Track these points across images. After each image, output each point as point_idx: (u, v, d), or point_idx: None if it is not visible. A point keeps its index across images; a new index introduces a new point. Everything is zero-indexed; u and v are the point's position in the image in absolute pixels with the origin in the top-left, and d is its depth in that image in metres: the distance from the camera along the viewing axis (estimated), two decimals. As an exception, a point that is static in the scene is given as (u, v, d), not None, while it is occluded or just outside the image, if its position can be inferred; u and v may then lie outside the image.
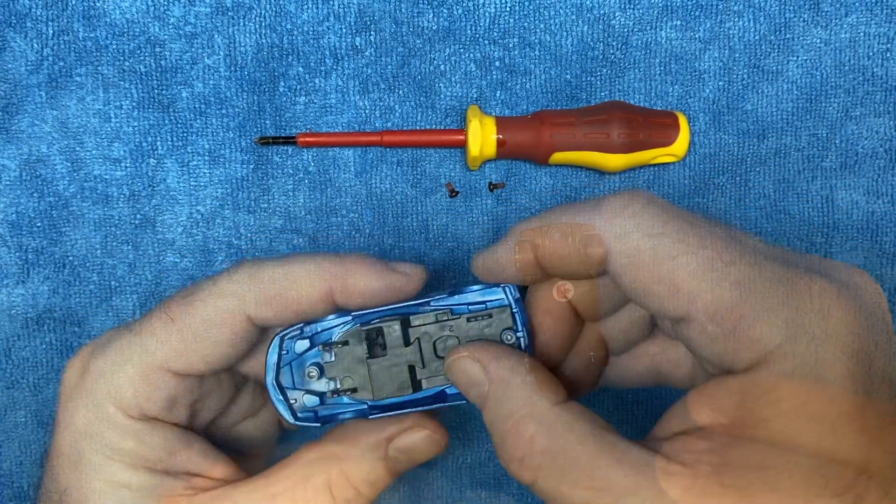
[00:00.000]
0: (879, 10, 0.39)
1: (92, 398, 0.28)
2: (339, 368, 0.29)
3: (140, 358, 0.28)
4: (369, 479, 0.29)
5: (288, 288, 0.28)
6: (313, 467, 0.29)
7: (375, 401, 0.29)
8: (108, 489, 0.28)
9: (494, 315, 0.29)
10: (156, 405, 0.28)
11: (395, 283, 0.29)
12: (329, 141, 0.38)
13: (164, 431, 0.29)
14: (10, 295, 0.39)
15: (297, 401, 0.29)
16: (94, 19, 0.38)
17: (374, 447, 0.29)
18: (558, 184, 0.40)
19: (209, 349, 0.28)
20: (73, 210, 0.39)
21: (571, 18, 0.39)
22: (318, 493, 0.28)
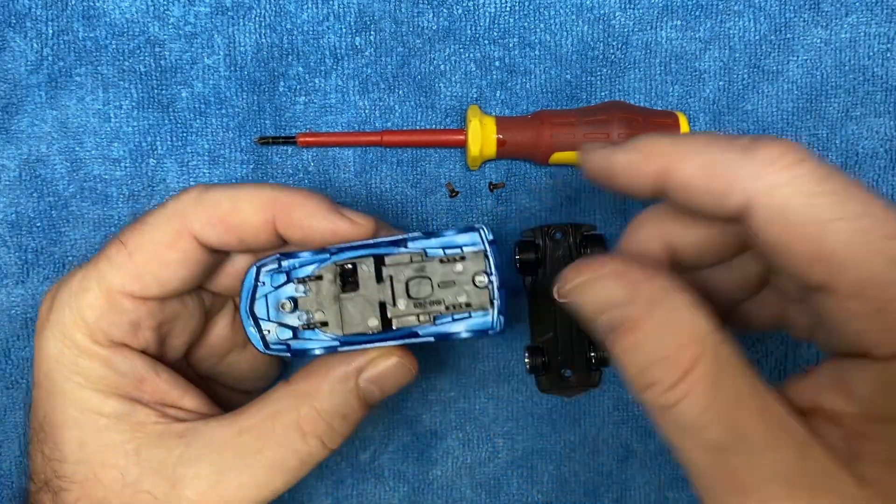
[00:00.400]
0: (880, 10, 0.39)
1: (59, 328, 0.29)
2: (312, 303, 0.29)
3: (98, 284, 0.29)
4: (341, 412, 0.29)
5: (231, 211, 0.28)
6: (281, 404, 0.29)
7: (345, 336, 0.29)
8: (82, 416, 0.28)
9: (468, 258, 0.29)
10: (119, 329, 0.29)
11: (339, 227, 0.29)
12: (329, 141, 0.38)
13: (131, 358, 0.29)
14: (10, 295, 0.39)
15: (270, 332, 0.29)
16: (93, 19, 0.38)
17: (343, 380, 0.29)
18: (558, 184, 0.40)
19: (161, 270, 0.29)
20: (73, 210, 0.39)
21: (571, 18, 0.39)
22: (288, 430, 0.29)
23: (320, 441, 0.29)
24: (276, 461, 0.28)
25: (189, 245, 0.29)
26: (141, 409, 0.29)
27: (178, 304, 0.31)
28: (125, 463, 0.28)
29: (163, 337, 0.31)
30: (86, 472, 0.28)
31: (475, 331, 0.29)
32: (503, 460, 0.41)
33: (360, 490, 0.41)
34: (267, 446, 0.28)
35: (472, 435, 0.41)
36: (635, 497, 0.42)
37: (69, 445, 0.29)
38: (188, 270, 0.29)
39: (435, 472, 0.41)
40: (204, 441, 0.29)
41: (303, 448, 0.29)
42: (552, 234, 0.39)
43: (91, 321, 0.29)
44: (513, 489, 0.42)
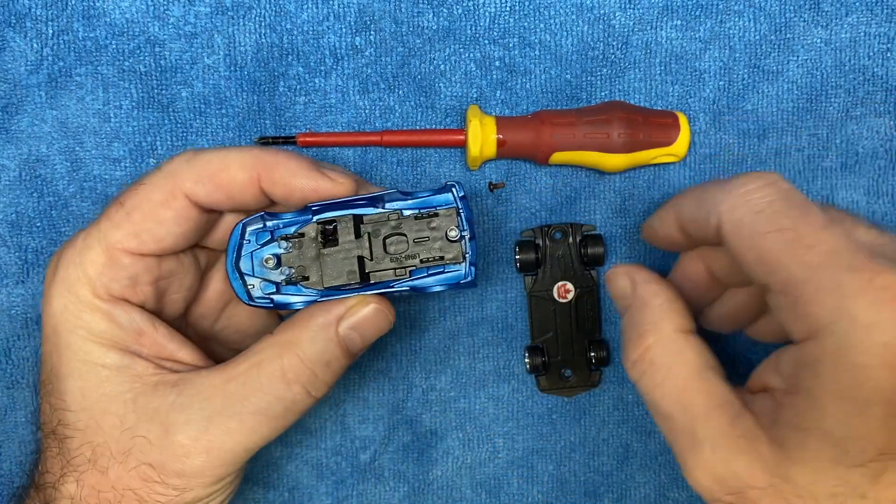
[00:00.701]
0: (880, 10, 0.39)
1: (65, 284, 0.30)
2: (295, 258, 0.31)
3: (99, 242, 0.30)
4: (323, 359, 0.31)
5: (221, 169, 0.30)
6: (266, 353, 0.30)
7: (325, 290, 0.31)
8: (86, 368, 0.30)
9: (441, 214, 0.31)
10: (119, 284, 0.30)
11: (320, 185, 0.31)
12: (329, 141, 0.38)
13: (131, 312, 0.31)
14: (10, 295, 0.39)
15: (254, 287, 0.31)
16: (93, 19, 0.38)
17: (323, 327, 0.31)
18: (558, 184, 0.40)
19: (156, 228, 0.30)
20: (73, 210, 0.39)
21: (571, 18, 0.39)
22: (272, 379, 0.30)
23: (304, 388, 0.30)
24: (261, 408, 0.30)
25: (181, 204, 0.31)
26: (139, 362, 0.31)
27: (174, 261, 0.32)
28: (123, 411, 0.30)
29: (160, 293, 0.32)
30: (87, 419, 0.30)
31: (448, 283, 0.31)
32: (503, 460, 0.41)
33: (360, 490, 0.41)
34: (252, 393, 0.30)
35: (472, 435, 0.41)
36: (635, 497, 0.42)
37: (72, 395, 0.30)
38: (181, 228, 0.31)
39: (435, 472, 0.41)
40: (194, 389, 0.30)
41: (287, 395, 0.30)
42: (552, 234, 0.39)
43: (93, 276, 0.30)
44: (513, 489, 0.42)
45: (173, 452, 0.29)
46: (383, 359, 0.41)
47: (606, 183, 0.40)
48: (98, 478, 0.30)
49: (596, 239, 0.39)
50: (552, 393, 0.40)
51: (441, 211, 0.31)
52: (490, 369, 0.41)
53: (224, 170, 0.30)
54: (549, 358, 0.40)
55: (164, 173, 0.31)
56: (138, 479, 0.30)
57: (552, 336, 0.40)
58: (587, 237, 0.39)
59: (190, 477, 0.30)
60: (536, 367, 0.40)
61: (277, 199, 0.31)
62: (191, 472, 0.30)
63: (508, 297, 0.40)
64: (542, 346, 0.40)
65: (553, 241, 0.39)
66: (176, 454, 0.29)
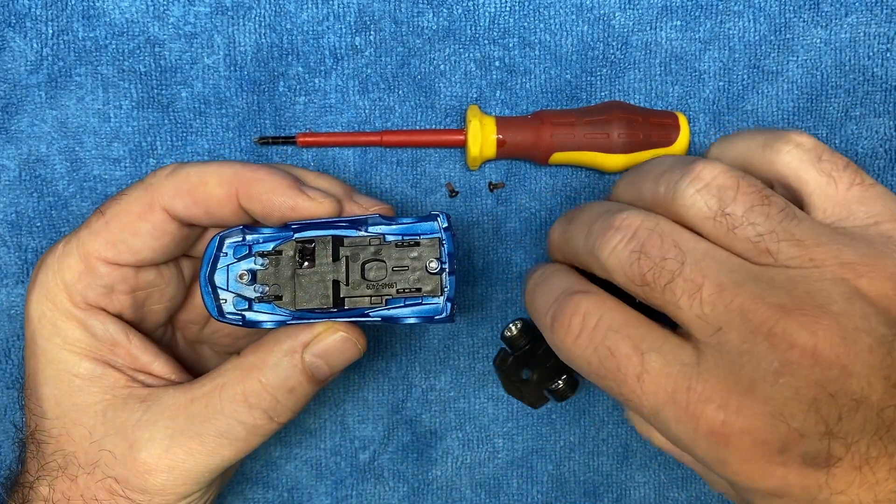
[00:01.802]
0: (879, 10, 0.39)
1: (43, 290, 0.31)
2: (270, 276, 0.30)
3: (77, 249, 0.30)
4: (286, 385, 0.30)
5: (199, 184, 0.30)
6: (229, 375, 0.30)
7: (297, 311, 0.30)
8: (59, 376, 0.30)
9: (423, 244, 0.30)
10: (94, 292, 0.30)
11: (298, 204, 0.30)
12: (329, 141, 0.38)
13: (105, 321, 0.31)
14: (10, 295, 0.39)
15: (226, 301, 0.30)
16: (93, 19, 0.38)
17: (288, 353, 0.30)
18: (558, 184, 0.40)
19: (133, 239, 0.30)
20: (73, 210, 0.39)
21: (571, 18, 0.39)
22: (234, 403, 0.30)
23: (266, 413, 0.30)
24: (223, 431, 0.30)
25: (159, 217, 0.30)
26: (112, 373, 0.31)
27: (153, 272, 0.32)
28: (93, 422, 0.30)
29: (139, 303, 0.32)
30: (60, 427, 0.30)
31: (423, 316, 0.30)
32: (503, 460, 0.41)
33: (360, 490, 0.41)
34: (214, 416, 0.30)
35: (471, 435, 0.41)
36: (635, 497, 0.42)
37: (48, 402, 0.31)
38: (159, 241, 0.31)
39: (435, 472, 0.41)
40: (161, 406, 0.30)
41: (248, 419, 0.30)
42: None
43: (70, 283, 0.30)
44: (512, 489, 0.42)
45: (136, 469, 0.30)
46: (383, 359, 0.41)
47: (606, 183, 0.40)
48: (68, 485, 0.30)
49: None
50: (509, 391, 0.37)
51: (424, 240, 0.30)
52: (490, 369, 0.41)
53: (202, 185, 0.30)
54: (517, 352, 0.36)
55: (144, 185, 0.31)
56: (104, 490, 0.30)
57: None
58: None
59: (153, 494, 0.30)
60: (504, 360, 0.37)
61: (256, 215, 0.31)
62: (154, 489, 0.30)
63: (508, 297, 0.40)
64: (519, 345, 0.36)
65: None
66: (139, 471, 0.30)
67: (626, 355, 0.26)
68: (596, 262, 0.28)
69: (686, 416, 0.24)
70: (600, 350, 0.26)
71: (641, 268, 0.26)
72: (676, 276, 0.25)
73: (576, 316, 0.27)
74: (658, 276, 0.25)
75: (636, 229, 0.26)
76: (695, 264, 0.25)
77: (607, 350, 0.26)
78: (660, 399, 0.25)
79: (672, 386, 0.25)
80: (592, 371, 0.26)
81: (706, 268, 0.25)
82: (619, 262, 0.26)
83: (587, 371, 0.27)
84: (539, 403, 0.37)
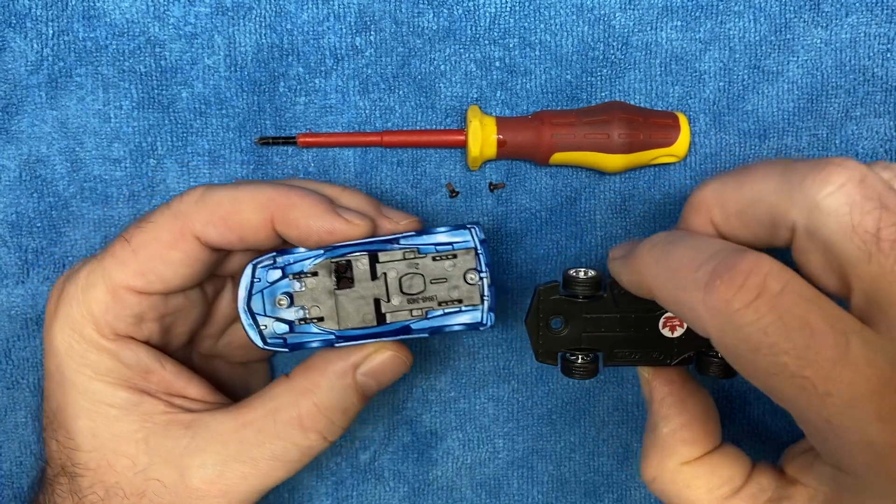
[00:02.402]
0: (880, 11, 0.39)
1: (68, 322, 0.30)
2: (308, 298, 0.30)
3: (104, 280, 0.30)
4: (341, 406, 0.30)
5: (233, 212, 0.29)
6: (282, 399, 0.30)
7: (341, 331, 0.30)
8: (93, 407, 0.30)
9: (459, 255, 0.30)
10: (124, 322, 0.30)
11: (336, 227, 0.29)
12: (329, 141, 0.38)
13: (137, 350, 0.30)
14: (10, 295, 0.39)
15: (266, 327, 0.30)
16: (93, 19, 0.38)
17: (341, 375, 0.30)
18: (558, 184, 0.40)
19: (163, 268, 0.30)
20: (73, 210, 0.39)
21: (572, 18, 0.39)
22: (289, 426, 0.30)
23: (320, 435, 0.30)
24: (277, 454, 0.30)
25: (191, 245, 0.30)
26: (148, 400, 0.30)
27: (181, 297, 0.32)
28: (135, 451, 0.30)
29: (166, 328, 0.32)
30: (98, 459, 0.30)
31: (466, 325, 0.30)
32: (503, 460, 0.41)
33: (361, 490, 0.41)
34: (269, 440, 0.30)
35: (472, 435, 0.41)
36: (635, 497, 0.42)
37: (82, 435, 0.30)
38: (190, 269, 0.30)
39: (435, 472, 0.41)
40: (209, 433, 0.30)
41: (303, 442, 0.30)
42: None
43: (98, 315, 0.30)
44: (513, 489, 0.42)
45: (189, 496, 0.29)
46: (383, 359, 0.41)
47: (606, 183, 0.40)
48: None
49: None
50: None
51: (459, 251, 0.30)
52: (490, 369, 0.41)
53: (236, 212, 0.29)
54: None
55: (173, 212, 0.30)
56: None
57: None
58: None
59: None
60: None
61: (292, 241, 0.30)
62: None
63: (509, 297, 0.40)
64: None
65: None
66: (191, 497, 0.29)
67: (823, 331, 0.20)
68: (802, 202, 0.22)
69: (894, 416, 0.20)
70: (787, 319, 0.21)
71: (880, 220, 0.21)
72: None
73: (754, 275, 0.21)
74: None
75: (865, 176, 0.22)
76: None
77: (799, 320, 0.21)
78: (859, 391, 0.20)
79: (879, 379, 0.20)
80: (765, 344, 0.21)
81: None
82: (846, 203, 0.21)
83: (755, 343, 0.21)
84: (545, 359, 0.33)
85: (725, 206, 0.26)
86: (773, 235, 0.24)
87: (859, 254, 0.21)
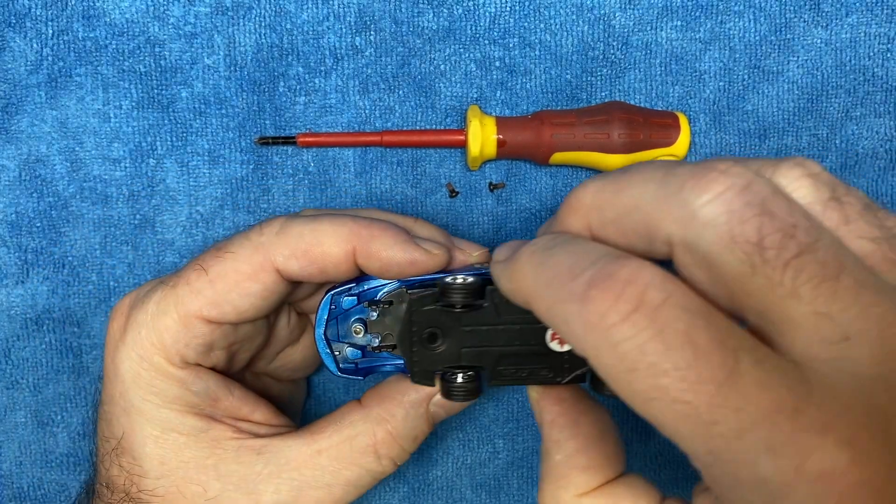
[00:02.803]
0: (880, 11, 0.39)
1: (136, 349, 0.29)
2: (382, 326, 0.30)
3: (176, 308, 0.29)
4: (413, 435, 0.31)
5: (314, 244, 0.29)
6: (357, 428, 0.31)
7: None
8: (162, 434, 0.30)
9: None
10: (194, 351, 0.30)
11: (416, 258, 0.29)
12: (329, 141, 0.38)
13: (206, 378, 0.30)
14: (10, 295, 0.39)
15: (340, 352, 0.31)
16: (93, 19, 0.38)
17: (416, 405, 0.31)
18: (558, 184, 0.40)
19: (240, 299, 0.29)
20: (73, 210, 0.39)
21: (572, 18, 0.39)
22: (364, 454, 0.30)
23: (392, 461, 0.31)
24: (351, 480, 0.30)
25: (270, 278, 0.29)
26: (217, 426, 0.30)
27: (250, 326, 0.31)
28: (206, 478, 0.30)
29: (233, 355, 0.32)
30: (168, 486, 0.30)
31: None
32: (503, 460, 0.41)
33: (360, 490, 0.41)
34: (344, 467, 0.30)
35: (472, 435, 0.41)
36: (635, 497, 0.42)
37: (150, 462, 0.30)
38: (265, 301, 0.30)
39: (435, 472, 0.41)
40: (283, 459, 0.30)
41: (377, 469, 0.31)
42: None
43: (168, 344, 0.29)
44: (513, 489, 0.42)
45: None
46: (383, 359, 0.41)
47: (606, 183, 0.40)
48: None
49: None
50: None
51: None
52: (490, 369, 0.41)
53: (318, 245, 0.29)
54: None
55: (254, 244, 0.29)
56: None
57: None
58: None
59: None
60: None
61: (372, 272, 0.30)
62: None
63: (508, 297, 0.40)
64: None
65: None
66: None
67: (708, 349, 0.18)
68: (678, 212, 0.20)
69: (787, 449, 0.17)
70: (668, 334, 0.18)
71: (761, 228, 0.18)
72: (806, 252, 0.18)
73: (633, 285, 0.19)
74: (783, 246, 0.18)
75: (750, 182, 0.19)
76: (831, 246, 0.18)
77: (681, 336, 0.18)
78: (748, 419, 0.17)
79: (772, 403, 0.17)
80: (644, 364, 0.18)
81: (843, 255, 0.18)
82: (724, 212, 0.19)
83: (631, 363, 0.18)
84: (421, 379, 0.29)
85: (603, 212, 0.23)
86: (650, 248, 0.21)
87: (742, 267, 0.18)
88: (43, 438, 0.40)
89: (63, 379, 0.40)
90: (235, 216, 0.39)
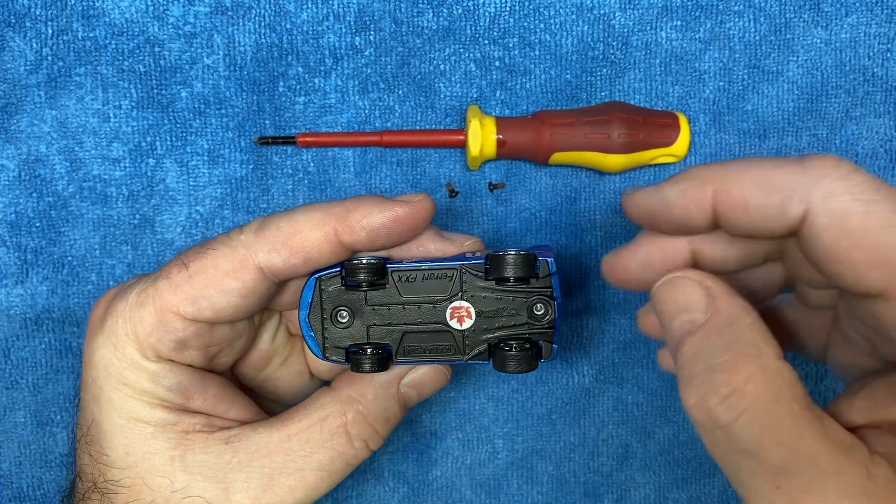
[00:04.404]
0: (880, 10, 0.39)
1: (111, 338, 0.29)
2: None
3: (154, 301, 0.29)
4: (384, 416, 0.31)
5: (292, 234, 0.29)
6: (327, 409, 0.30)
7: None
8: (129, 424, 0.29)
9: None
10: (167, 347, 0.29)
11: (398, 213, 0.29)
12: (329, 141, 0.38)
13: (178, 373, 0.30)
14: (9, 295, 0.39)
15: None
16: (93, 19, 0.38)
17: (386, 385, 0.31)
18: (558, 184, 0.40)
19: (217, 296, 0.29)
20: (72, 210, 0.39)
21: (571, 18, 0.39)
22: (335, 436, 0.30)
23: (365, 443, 0.31)
24: (324, 464, 0.30)
25: (250, 276, 0.29)
26: (186, 418, 0.30)
27: (227, 328, 0.31)
28: (171, 469, 0.29)
29: (210, 356, 0.31)
30: (133, 477, 0.29)
31: None
32: (503, 461, 0.41)
33: (360, 490, 0.41)
34: (315, 450, 0.30)
35: (471, 435, 0.41)
36: (635, 497, 0.42)
37: (116, 451, 0.29)
38: (245, 300, 0.29)
39: (435, 472, 0.41)
40: (253, 447, 0.30)
41: (349, 451, 0.30)
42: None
43: (142, 336, 0.29)
44: (513, 489, 0.42)
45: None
46: (383, 359, 0.41)
47: (606, 183, 0.40)
48: None
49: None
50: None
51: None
52: (489, 370, 0.41)
53: (296, 233, 0.29)
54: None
55: (235, 242, 0.29)
56: None
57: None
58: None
59: None
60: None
61: (365, 247, 0.30)
62: None
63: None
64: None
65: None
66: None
67: None
68: (804, 192, 0.22)
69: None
70: None
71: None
72: None
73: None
74: None
75: (864, 175, 0.23)
76: None
77: None
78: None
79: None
80: None
81: None
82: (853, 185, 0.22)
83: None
84: (331, 356, 0.31)
85: (729, 187, 0.24)
86: (779, 223, 0.23)
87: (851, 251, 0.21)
88: (42, 438, 0.40)
89: (62, 379, 0.40)
90: (235, 216, 0.39)
